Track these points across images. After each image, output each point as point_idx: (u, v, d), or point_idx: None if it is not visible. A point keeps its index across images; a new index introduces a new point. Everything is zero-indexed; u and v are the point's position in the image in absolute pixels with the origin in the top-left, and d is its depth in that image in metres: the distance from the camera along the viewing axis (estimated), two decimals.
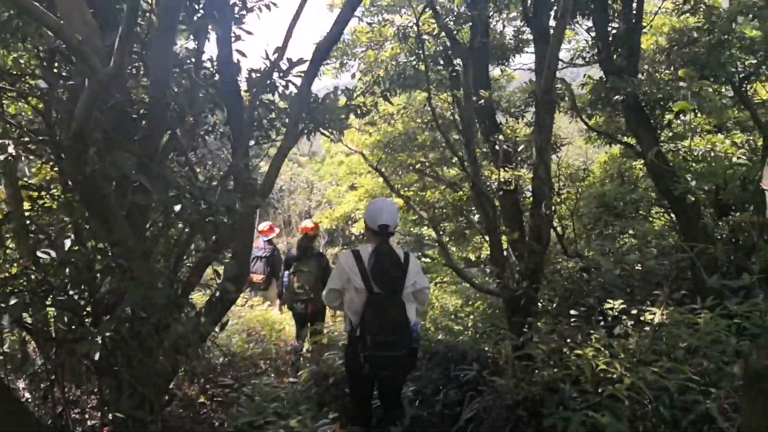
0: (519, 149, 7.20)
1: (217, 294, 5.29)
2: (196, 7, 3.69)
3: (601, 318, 4.96)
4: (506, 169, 6.89)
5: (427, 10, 5.87)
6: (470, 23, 6.21)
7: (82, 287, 2.60)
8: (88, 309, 2.65)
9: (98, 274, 2.58)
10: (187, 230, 3.07)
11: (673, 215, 11.05)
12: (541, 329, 4.80)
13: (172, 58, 2.80)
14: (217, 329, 4.09)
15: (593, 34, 7.23)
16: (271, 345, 7.97)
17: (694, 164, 9.46)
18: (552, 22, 5.30)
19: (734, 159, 9.34)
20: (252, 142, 5.80)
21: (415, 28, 5.57)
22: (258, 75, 5.38)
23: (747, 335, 3.97)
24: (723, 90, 7.66)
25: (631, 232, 10.58)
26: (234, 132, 5.21)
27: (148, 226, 3.17)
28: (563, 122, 13.66)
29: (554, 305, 4.81)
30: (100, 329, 2.30)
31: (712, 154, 9.62)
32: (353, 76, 7.92)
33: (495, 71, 9.80)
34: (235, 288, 5.44)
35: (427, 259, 15.18)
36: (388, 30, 6.95)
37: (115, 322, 2.42)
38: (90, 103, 1.97)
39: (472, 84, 6.16)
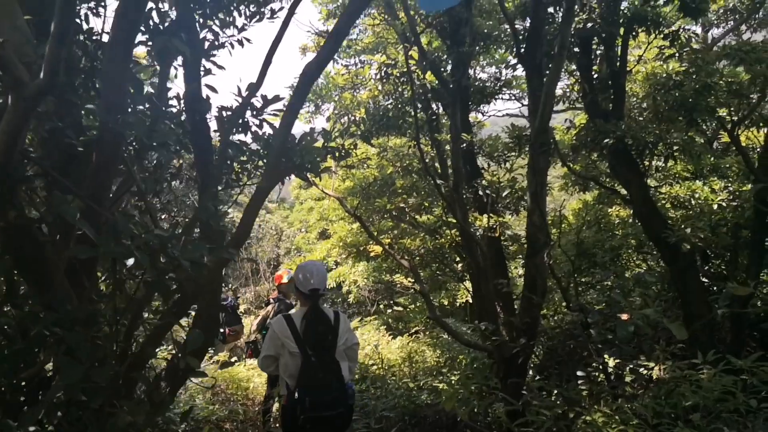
0: (503, 194, 6.86)
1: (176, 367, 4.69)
2: (160, 26, 3.26)
3: (604, 377, 4.55)
4: (490, 215, 6.53)
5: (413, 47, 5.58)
6: (453, 62, 5.93)
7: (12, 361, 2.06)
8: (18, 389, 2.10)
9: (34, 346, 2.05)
10: (141, 290, 2.55)
11: (654, 262, 10.95)
12: (541, 391, 4.36)
13: (129, 77, 2.34)
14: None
15: (577, 76, 7.07)
16: (239, 405, 7.34)
17: (672, 211, 9.35)
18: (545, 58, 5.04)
19: (714, 206, 9.26)
20: (221, 186, 5.34)
21: (397, 67, 5.24)
22: (229, 113, 4.96)
23: (755, 392, 3.62)
24: (697, 138, 7.56)
25: (610, 281, 10.36)
26: (202, 174, 4.74)
27: (94, 285, 2.65)
28: None
29: (555, 364, 4.38)
30: (22, 419, 1.77)
31: (692, 201, 9.54)
32: (328, 119, 7.57)
33: (471, 115, 9.62)
34: (198, 362, 4.88)
35: (399, 308, 14.70)
36: (367, 71, 6.64)
37: (45, 407, 1.88)
38: (15, 127, 1.51)
39: (459, 124, 5.84)
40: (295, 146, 4.98)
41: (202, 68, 4.50)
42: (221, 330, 10.83)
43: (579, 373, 4.07)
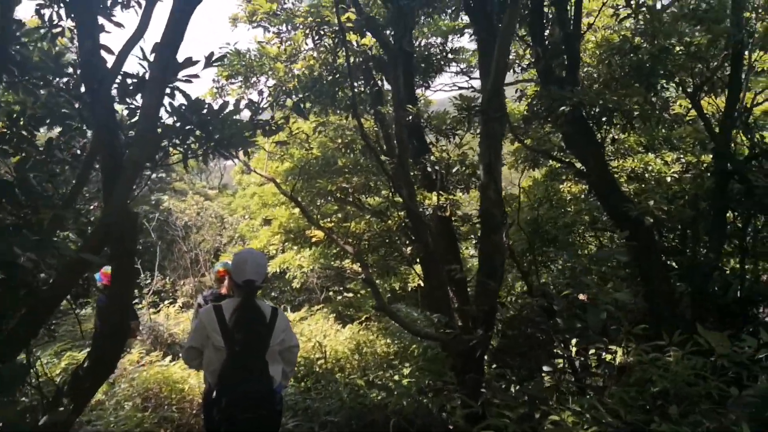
0: (453, 171, 6.33)
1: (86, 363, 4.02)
2: None
3: (569, 367, 4.10)
4: (440, 193, 5.99)
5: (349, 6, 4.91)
6: (393, 19, 5.28)
7: None
8: None
9: None
10: None
11: (607, 239, 10.69)
12: (501, 388, 3.87)
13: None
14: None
15: (528, 42, 6.56)
16: (173, 410, 6.67)
17: (626, 185, 9.08)
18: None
19: (667, 179, 9.01)
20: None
21: (330, 27, 4.58)
22: (134, 80, 4.22)
23: (728, 376, 3.28)
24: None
25: (563, 260, 10.03)
26: (104, 158, 4.00)
27: None
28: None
29: (516, 355, 3.90)
30: None
31: (645, 174, 9.28)
32: (260, 93, 6.84)
33: (417, 92, 9.04)
34: (113, 351, 4.17)
35: (350, 294, 14.12)
36: (300, 36, 5.95)
37: None
38: None
39: (402, 89, 5.23)
40: (214, 117, 4.29)
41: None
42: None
43: (545, 368, 3.60)
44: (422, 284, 10.79)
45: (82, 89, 4.26)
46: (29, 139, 4.38)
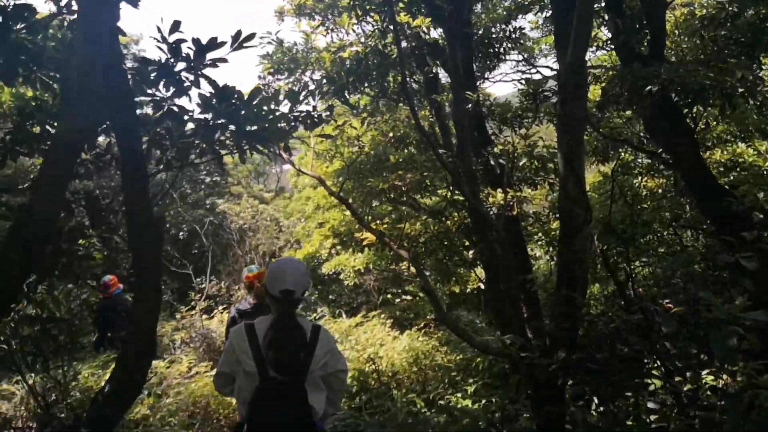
0: (520, 164, 5.61)
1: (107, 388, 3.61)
2: None
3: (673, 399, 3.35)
4: (506, 189, 5.28)
5: None
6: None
7: None
8: None
9: None
10: None
11: (693, 238, 9.66)
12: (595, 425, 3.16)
13: None
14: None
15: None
16: (222, 426, 6.31)
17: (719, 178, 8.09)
18: None
19: (763, 171, 7.99)
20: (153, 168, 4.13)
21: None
22: (154, 67, 3.73)
23: None
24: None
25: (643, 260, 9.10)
26: (125, 155, 3.53)
27: None
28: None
29: (600, 380, 3.18)
30: None
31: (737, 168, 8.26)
32: (304, 86, 6.29)
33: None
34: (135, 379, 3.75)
35: (408, 297, 13.49)
36: (345, 20, 5.38)
37: None
38: None
39: (461, 65, 4.55)
40: (245, 106, 3.75)
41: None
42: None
43: (650, 405, 2.87)
44: (483, 287, 10.10)
45: None
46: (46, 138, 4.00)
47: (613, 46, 5.85)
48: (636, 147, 6.56)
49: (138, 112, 3.67)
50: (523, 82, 5.98)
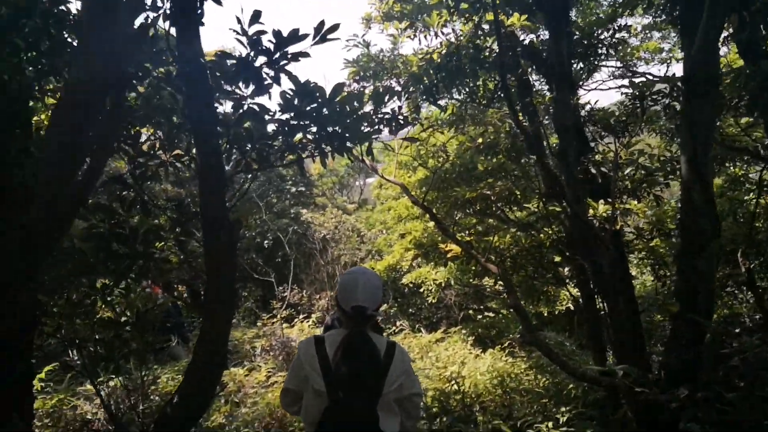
0: (625, 173, 5.08)
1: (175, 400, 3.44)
2: None
3: None
4: (611, 200, 4.77)
5: None
6: None
7: None
8: None
9: None
10: None
11: None
12: None
13: None
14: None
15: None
16: None
17: None
18: None
19: None
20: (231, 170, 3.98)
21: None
22: (233, 61, 3.57)
23: None
24: None
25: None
26: (203, 153, 3.39)
27: None
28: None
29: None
30: None
31: None
32: (389, 89, 5.99)
33: None
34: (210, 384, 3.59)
35: (490, 314, 12.93)
36: (435, 18, 5.07)
37: None
38: None
39: (564, 52, 4.10)
40: (328, 106, 3.52)
41: None
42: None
43: None
44: (572, 307, 9.45)
45: None
46: (132, 138, 3.94)
47: (734, 43, 5.20)
48: (757, 156, 5.82)
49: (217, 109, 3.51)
50: (627, 85, 5.45)
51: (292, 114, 3.64)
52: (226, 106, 4.02)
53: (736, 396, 2.65)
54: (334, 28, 3.27)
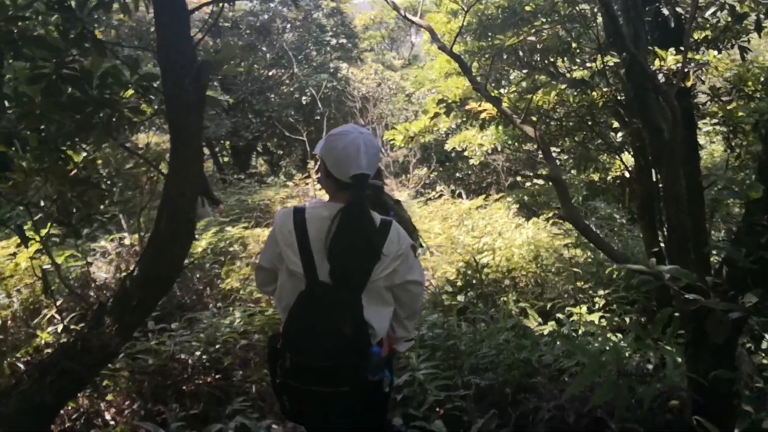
0: (707, 14, 4.02)
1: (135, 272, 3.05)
2: None
3: None
4: (684, 49, 3.78)
5: None
6: None
7: None
8: None
9: None
10: None
11: None
12: None
13: None
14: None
15: None
16: None
17: None
18: None
19: None
20: None
21: None
22: None
23: None
24: None
25: None
26: None
27: None
28: None
29: None
30: None
31: None
32: None
33: None
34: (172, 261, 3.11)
35: (540, 181, 12.16)
36: None
37: None
38: None
39: None
40: None
41: None
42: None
43: None
44: (627, 175, 8.56)
45: None
46: None
47: None
48: None
49: None
50: None
51: None
52: None
53: None
54: None
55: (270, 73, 14.70)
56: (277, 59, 15.13)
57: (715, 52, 4.28)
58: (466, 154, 11.32)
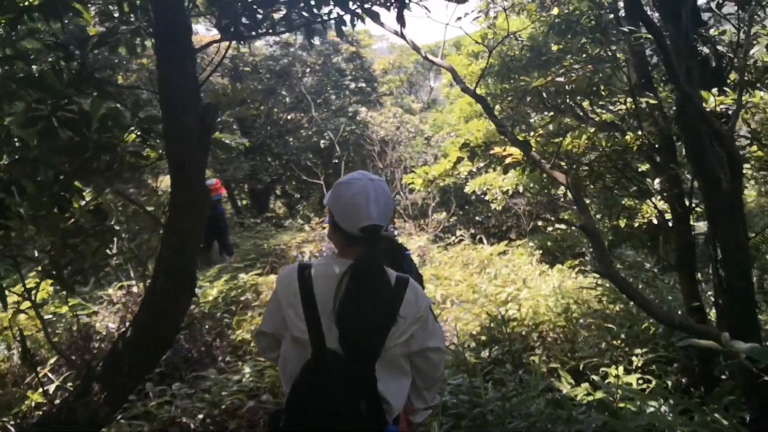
0: (751, 52, 3.75)
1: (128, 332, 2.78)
2: None
3: None
4: (724, 90, 3.50)
5: None
6: None
7: None
8: None
9: None
10: None
11: None
12: None
13: None
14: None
15: None
16: None
17: None
18: None
19: None
20: None
21: None
22: None
23: None
24: None
25: None
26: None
27: None
28: None
29: None
30: None
31: None
32: None
33: None
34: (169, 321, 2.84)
35: (563, 226, 11.78)
36: None
37: None
38: None
39: None
40: None
41: None
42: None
43: None
44: (656, 222, 8.17)
45: None
46: None
47: None
48: None
49: None
50: None
51: None
52: None
53: None
54: None
55: (289, 117, 14.72)
56: (297, 103, 15.18)
57: (762, 93, 3.98)
58: (487, 198, 11.04)
